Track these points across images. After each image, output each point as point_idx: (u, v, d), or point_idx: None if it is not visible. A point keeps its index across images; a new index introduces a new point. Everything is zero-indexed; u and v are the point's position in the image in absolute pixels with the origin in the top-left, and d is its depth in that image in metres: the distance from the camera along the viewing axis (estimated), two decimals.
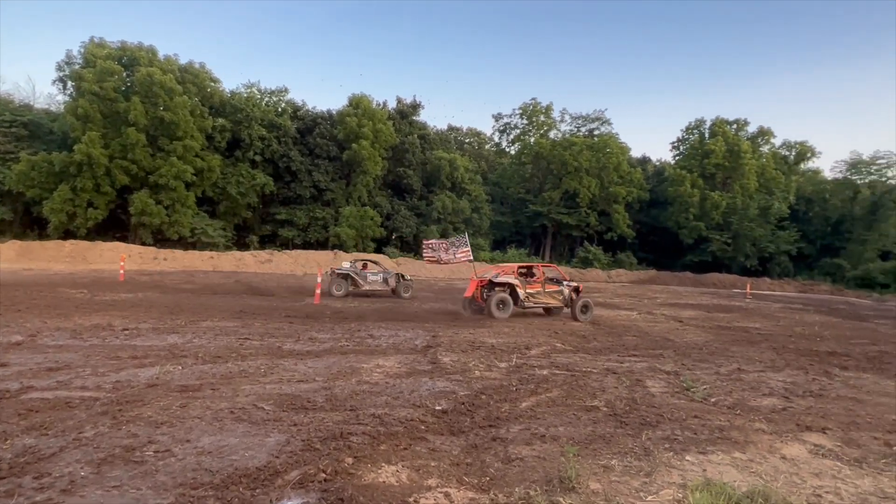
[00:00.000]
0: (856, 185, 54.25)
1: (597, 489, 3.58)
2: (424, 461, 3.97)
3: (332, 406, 5.25)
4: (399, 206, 44.78)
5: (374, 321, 11.83)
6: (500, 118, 55.59)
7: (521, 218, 52.62)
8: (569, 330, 12.09)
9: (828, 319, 18.99)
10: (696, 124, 56.58)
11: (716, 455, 4.40)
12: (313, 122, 42.34)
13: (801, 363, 9.27)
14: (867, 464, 4.39)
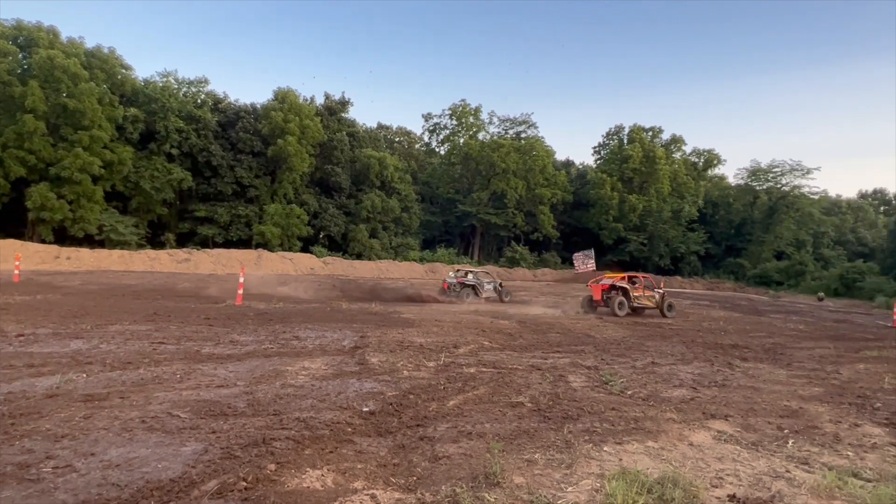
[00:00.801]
0: (755, 191, 59.06)
1: (521, 483, 3.67)
2: (351, 464, 3.91)
3: (254, 411, 5.05)
4: (327, 204, 43.85)
5: (300, 322, 11.51)
6: (429, 118, 55.77)
7: (450, 218, 53.08)
8: (496, 328, 12.34)
9: (731, 315, 20.55)
10: (616, 130, 59.46)
11: (631, 445, 4.65)
12: (236, 116, 40.58)
13: (708, 356, 9.97)
14: (762, 446, 4.79)
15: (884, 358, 10.92)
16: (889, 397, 7.10)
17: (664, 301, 18.02)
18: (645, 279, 18.87)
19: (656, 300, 18.00)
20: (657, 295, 18.10)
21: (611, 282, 17.78)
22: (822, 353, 11.34)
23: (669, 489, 3.56)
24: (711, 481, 3.90)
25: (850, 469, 4.26)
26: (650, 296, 17.97)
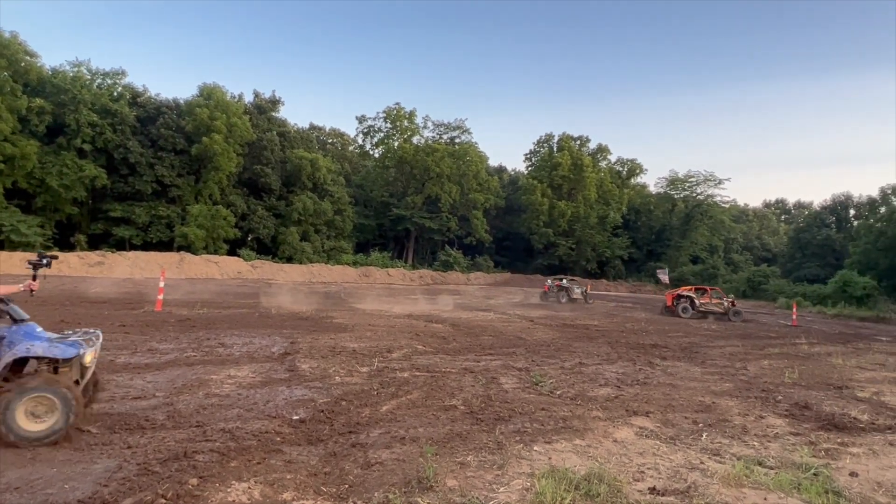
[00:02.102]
0: (673, 199, 62.79)
1: (453, 486, 3.69)
2: (279, 474, 3.78)
3: (175, 423, 4.78)
4: (256, 205, 42.36)
5: (226, 328, 11.03)
6: (363, 120, 55.26)
7: (384, 221, 52.77)
8: (429, 332, 12.36)
9: (651, 316, 21.69)
10: (546, 138, 61.43)
11: (560, 443, 4.79)
12: (156, 111, 38.43)
13: (631, 355, 10.45)
14: (679, 440, 5.08)
15: (785, 354, 11.89)
16: (789, 390, 7.74)
17: (731, 308, 22.20)
18: (713, 290, 23.54)
19: (724, 307, 22.24)
20: (726, 302, 22.41)
21: (679, 292, 23.30)
22: (732, 350, 12.20)
23: (595, 485, 3.70)
24: (634, 475, 4.09)
25: (756, 458, 4.60)
26: (718, 303, 22.42)
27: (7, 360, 3.93)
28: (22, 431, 3.83)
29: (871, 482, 4.20)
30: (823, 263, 50.45)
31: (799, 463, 4.48)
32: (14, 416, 3.79)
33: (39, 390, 3.89)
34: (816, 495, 3.80)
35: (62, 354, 4.09)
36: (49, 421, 3.91)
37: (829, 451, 4.95)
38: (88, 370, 4.46)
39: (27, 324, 4.18)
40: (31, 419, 3.87)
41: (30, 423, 3.88)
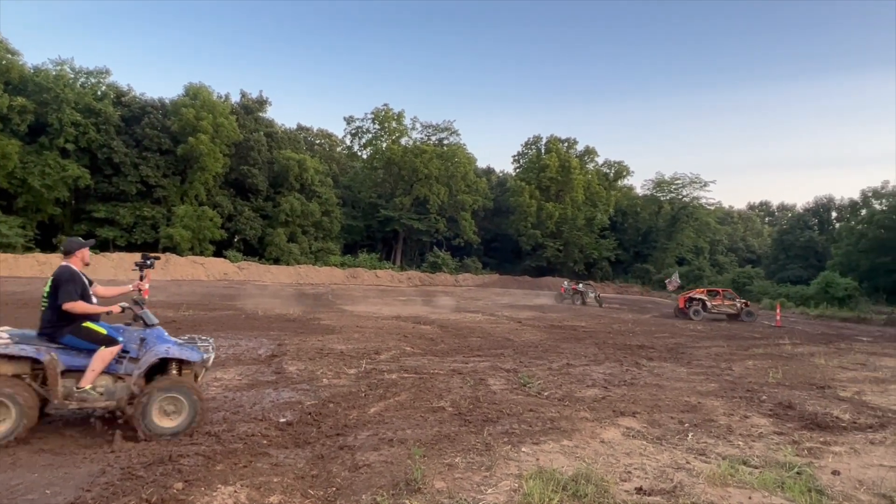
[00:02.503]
0: (660, 201, 63.31)
1: (441, 488, 3.69)
2: (266, 478, 3.75)
3: None
4: (243, 206, 42.01)
5: (212, 330, 10.93)
6: (351, 121, 54.98)
7: (372, 222, 52.57)
8: (418, 333, 12.35)
9: (638, 317, 21.86)
10: (534, 140, 61.62)
11: (547, 444, 4.81)
12: (141, 111, 37.99)
13: (618, 356, 10.53)
14: (666, 440, 5.12)
15: (769, 355, 12.04)
16: (773, 390, 7.84)
17: (744, 309, 22.75)
18: (725, 292, 24.03)
19: (737, 308, 22.77)
20: (738, 304, 22.97)
21: (690, 295, 23.58)
22: (718, 351, 12.33)
23: (583, 485, 3.72)
24: (621, 475, 4.11)
25: (741, 457, 4.65)
26: (731, 305, 22.89)
27: (151, 360, 4.32)
28: (157, 427, 4.24)
29: (853, 480, 4.26)
30: (806, 265, 51.20)
31: (783, 462, 4.54)
32: (151, 414, 4.20)
33: (171, 391, 4.30)
34: (800, 494, 3.85)
35: (192, 357, 4.49)
36: (179, 418, 4.33)
37: (811, 450, 5.02)
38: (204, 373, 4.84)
39: (157, 328, 4.60)
40: (164, 416, 4.27)
41: (163, 419, 4.28)
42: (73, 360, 4.22)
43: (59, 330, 4.25)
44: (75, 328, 4.26)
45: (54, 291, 4.18)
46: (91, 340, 4.25)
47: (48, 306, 4.24)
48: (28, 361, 4.11)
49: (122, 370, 4.35)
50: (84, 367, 4.18)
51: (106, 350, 4.23)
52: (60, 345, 4.23)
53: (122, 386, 4.30)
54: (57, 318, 4.23)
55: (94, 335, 4.27)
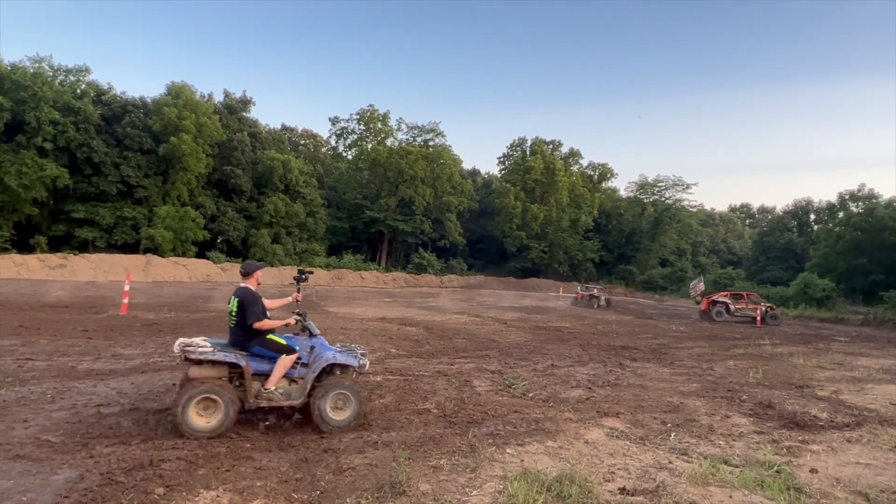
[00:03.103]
0: (643, 203, 64.00)
1: (426, 490, 3.68)
2: (249, 482, 3.71)
3: (141, 431, 4.66)
4: (226, 207, 41.54)
5: (195, 333, 10.76)
6: (336, 122, 54.70)
7: (357, 223, 52.32)
8: (403, 335, 12.33)
9: (622, 318, 22.05)
10: (519, 142, 61.90)
11: (532, 445, 4.83)
12: (122, 110, 37.36)
13: (602, 357, 10.61)
14: (649, 440, 5.18)
15: (749, 355, 12.23)
16: (753, 390, 7.96)
17: (768, 312, 22.65)
18: (749, 296, 24.44)
19: (761, 310, 22.53)
20: (762, 307, 22.77)
21: (714, 298, 24.30)
22: (700, 351, 12.49)
23: (567, 486, 3.74)
24: (604, 476, 4.15)
25: (722, 457, 4.72)
26: (754, 308, 22.90)
27: (322, 365, 5.01)
28: (331, 420, 4.94)
29: (831, 478, 4.35)
30: (786, 266, 52.05)
31: (762, 461, 4.61)
32: (325, 408, 4.91)
33: (340, 388, 5.01)
34: (779, 492, 3.91)
35: (353, 363, 5.17)
36: (347, 412, 5.02)
37: (790, 449, 5.10)
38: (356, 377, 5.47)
39: (319, 337, 5.32)
40: (335, 411, 4.98)
41: (335, 413, 4.99)
42: (259, 365, 4.91)
43: (248, 342, 4.96)
44: (261, 340, 4.98)
45: (241, 311, 4.91)
46: (274, 350, 4.98)
47: (237, 323, 4.95)
48: (226, 366, 4.80)
49: (296, 374, 5.08)
50: (268, 372, 4.91)
51: (287, 357, 4.94)
52: (249, 353, 4.92)
53: (297, 387, 5.02)
54: (245, 332, 4.95)
55: (276, 346, 5.00)
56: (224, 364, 4.77)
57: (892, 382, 9.38)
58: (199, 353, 4.68)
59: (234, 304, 4.95)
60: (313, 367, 5.01)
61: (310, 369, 5.03)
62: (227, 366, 4.79)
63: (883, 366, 11.37)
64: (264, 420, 5.11)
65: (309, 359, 5.12)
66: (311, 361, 5.09)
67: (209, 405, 4.57)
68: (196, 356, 4.67)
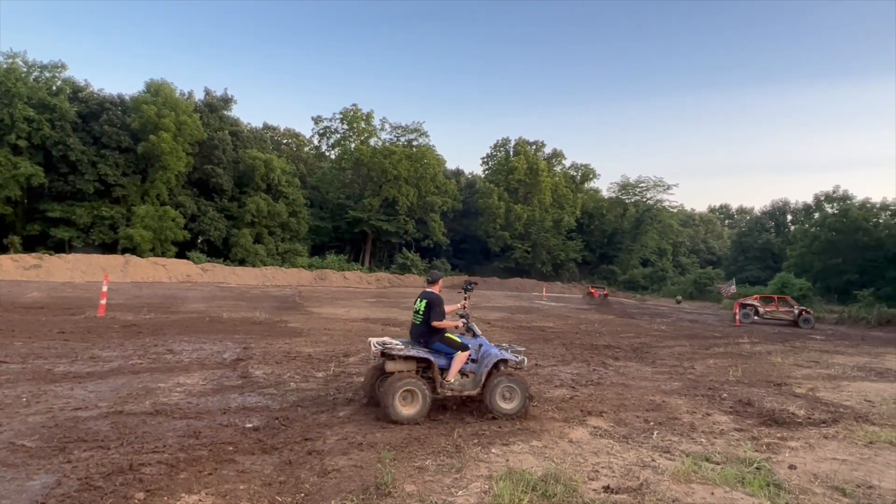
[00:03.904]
0: (625, 203, 64.72)
1: (412, 491, 3.67)
2: (232, 485, 3.66)
3: (120, 435, 4.56)
4: (206, 206, 41.04)
5: (175, 334, 10.63)
6: (319, 121, 54.39)
7: (340, 223, 52.07)
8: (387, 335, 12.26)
9: (604, 317, 22.24)
10: (503, 143, 62.19)
11: (517, 445, 4.83)
12: (100, 107, 36.72)
13: (585, 356, 10.68)
14: (632, 439, 5.22)
15: (729, 353, 12.42)
16: (733, 388, 8.08)
17: (801, 316, 22.38)
18: (781, 299, 24.37)
19: (794, 315, 22.61)
20: (795, 310, 22.82)
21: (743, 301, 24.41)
22: (681, 350, 12.64)
23: (552, 485, 3.76)
24: (589, 475, 4.17)
25: (704, 454, 4.78)
26: (786, 311, 23.05)
27: (493, 361, 5.70)
28: (500, 408, 5.60)
29: (808, 474, 4.43)
30: (764, 266, 53.01)
31: (743, 458, 4.68)
32: (496, 399, 5.61)
33: (508, 382, 5.69)
34: (759, 488, 3.98)
35: (515, 360, 5.87)
36: (514, 402, 5.66)
37: (770, 446, 5.19)
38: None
39: (481, 337, 6.10)
40: (504, 401, 5.66)
41: (503, 403, 5.65)
42: (439, 360, 5.62)
43: (431, 339, 5.68)
44: (441, 337, 5.70)
45: (427, 311, 5.65)
46: (452, 347, 5.68)
47: (422, 321, 5.69)
48: (415, 361, 5.56)
49: (468, 368, 5.79)
50: (445, 367, 5.61)
51: (462, 354, 5.64)
52: (431, 349, 5.64)
53: (469, 380, 5.73)
54: (428, 330, 5.67)
55: (454, 343, 5.71)
56: (414, 359, 5.57)
57: (866, 379, 9.60)
58: (396, 350, 5.49)
59: (422, 305, 5.73)
60: (484, 362, 5.73)
61: (480, 365, 5.76)
62: (415, 360, 5.58)
63: (857, 363, 11.63)
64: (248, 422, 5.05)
65: (477, 356, 5.85)
66: (479, 358, 5.83)
67: (407, 395, 5.35)
68: (394, 353, 5.47)
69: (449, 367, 5.60)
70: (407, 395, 5.36)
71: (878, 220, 39.68)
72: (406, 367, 5.53)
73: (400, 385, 5.31)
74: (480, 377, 5.67)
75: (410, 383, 5.36)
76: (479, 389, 5.68)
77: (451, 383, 5.60)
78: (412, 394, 5.36)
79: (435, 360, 5.56)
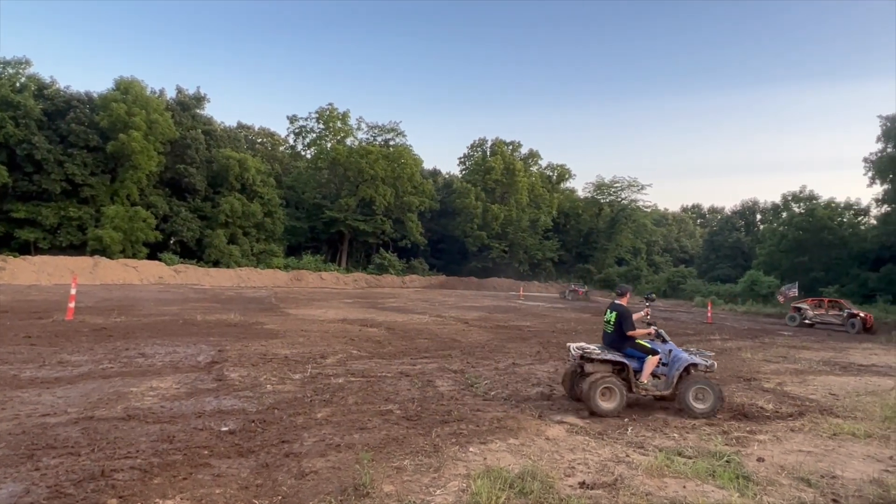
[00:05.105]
0: (600, 203, 65.58)
1: (390, 491, 3.68)
2: (208, 489, 3.62)
3: (91, 441, 4.47)
4: (179, 207, 40.24)
5: (147, 337, 10.42)
6: (295, 120, 53.78)
7: (317, 224, 51.58)
8: (364, 336, 12.24)
9: (580, 316, 22.51)
10: (480, 143, 62.40)
11: (494, 443, 4.88)
12: (66, 105, 35.70)
13: (561, 355, 10.79)
14: (607, 435, 5.32)
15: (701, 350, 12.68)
16: None
17: (850, 319, 21.15)
18: (831, 303, 22.95)
19: (842, 318, 21.50)
20: (845, 314, 21.58)
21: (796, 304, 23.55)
22: None
23: (529, 482, 3.81)
24: (565, 471, 4.24)
25: (676, 449, 4.89)
26: (836, 315, 21.83)
27: (684, 364, 6.26)
28: (693, 408, 6.14)
29: (776, 466, 4.57)
30: (734, 264, 54.25)
31: (714, 451, 4.81)
32: (689, 399, 6.17)
33: (700, 383, 6.25)
34: (728, 481, 4.09)
35: (707, 363, 6.36)
36: (707, 402, 6.17)
37: (739, 440, 5.34)
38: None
39: (670, 342, 6.62)
40: (697, 401, 6.18)
41: (697, 403, 6.17)
42: (632, 363, 6.27)
43: (623, 345, 6.38)
44: (632, 343, 6.38)
45: (619, 321, 6.35)
46: (643, 352, 6.33)
47: (614, 331, 6.40)
48: (610, 364, 6.28)
49: (659, 371, 6.41)
50: (638, 369, 6.28)
51: (653, 358, 6.28)
52: (623, 354, 6.34)
53: (661, 382, 6.36)
54: (620, 338, 6.37)
55: (644, 349, 6.35)
56: (609, 362, 6.28)
57: (831, 373, 9.93)
58: (595, 354, 6.28)
59: (613, 316, 6.44)
60: (675, 365, 6.27)
61: (671, 368, 6.33)
62: (611, 363, 6.28)
63: (822, 358, 12.02)
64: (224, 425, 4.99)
65: (667, 359, 6.40)
66: (669, 362, 6.38)
67: (605, 392, 6.04)
68: (592, 356, 6.26)
69: (641, 370, 6.27)
70: (605, 391, 6.05)
71: (842, 220, 40.94)
72: (602, 369, 6.26)
73: (600, 383, 6.05)
74: (672, 379, 6.26)
75: (609, 381, 6.07)
76: (672, 390, 6.26)
77: (644, 384, 6.26)
78: (610, 390, 6.06)
79: (629, 363, 6.25)
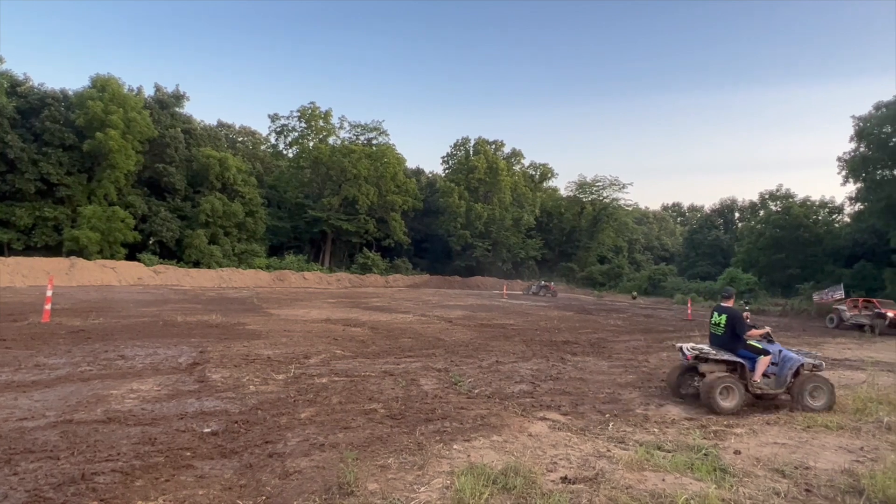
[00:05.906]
0: (582, 202, 66.07)
1: (374, 489, 3.70)
2: (190, 491, 3.61)
3: (70, 444, 4.41)
4: (158, 206, 39.63)
5: (126, 339, 10.27)
6: (276, 119, 53.24)
7: (299, 223, 51.17)
8: (348, 336, 12.21)
9: (563, 314, 22.70)
10: (463, 142, 62.42)
11: (478, 441, 4.93)
12: (41, 102, 34.93)
13: (544, 352, 10.91)
14: (588, 431, 5.40)
15: None
16: None
17: (882, 321, 20.13)
18: (866, 302, 21.91)
19: (871, 317, 20.60)
20: (873, 313, 20.78)
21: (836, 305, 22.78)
22: (636, 344, 13.06)
23: (512, 478, 3.86)
24: (547, 467, 4.30)
25: (656, 443, 4.99)
26: (867, 315, 20.78)
27: (796, 365, 6.59)
28: (808, 405, 6.45)
29: (752, 458, 4.69)
30: (714, 262, 55.12)
31: (692, 445, 4.92)
32: (805, 397, 6.49)
33: (815, 381, 6.57)
34: (706, 473, 4.19)
35: (817, 362, 6.74)
36: (822, 400, 6.51)
37: (717, 433, 5.46)
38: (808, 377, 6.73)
39: (777, 343, 6.98)
40: (812, 399, 6.52)
41: (811, 401, 6.50)
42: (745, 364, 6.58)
43: (735, 346, 6.70)
44: (744, 344, 6.70)
45: (731, 324, 6.70)
46: (754, 352, 6.64)
47: (725, 332, 6.76)
48: (724, 364, 6.62)
49: (769, 371, 6.69)
50: (750, 369, 6.55)
51: (765, 358, 6.58)
52: (735, 354, 6.64)
53: (772, 381, 6.69)
54: (731, 339, 6.71)
55: (756, 349, 6.67)
56: (724, 362, 6.61)
57: None
58: (711, 355, 6.63)
59: (723, 319, 6.79)
60: (787, 365, 6.61)
61: (781, 368, 6.66)
62: (725, 363, 6.60)
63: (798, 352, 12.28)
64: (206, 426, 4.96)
65: (777, 360, 6.70)
66: (779, 362, 6.70)
67: (724, 391, 6.33)
68: (708, 357, 6.62)
69: (753, 370, 6.53)
70: (724, 391, 6.33)
71: (818, 217, 41.87)
72: (717, 369, 6.58)
73: (719, 382, 6.33)
74: (783, 378, 6.57)
75: (728, 381, 6.36)
76: (784, 389, 6.55)
77: (758, 383, 6.54)
78: (729, 390, 6.34)
79: (744, 363, 6.53)
